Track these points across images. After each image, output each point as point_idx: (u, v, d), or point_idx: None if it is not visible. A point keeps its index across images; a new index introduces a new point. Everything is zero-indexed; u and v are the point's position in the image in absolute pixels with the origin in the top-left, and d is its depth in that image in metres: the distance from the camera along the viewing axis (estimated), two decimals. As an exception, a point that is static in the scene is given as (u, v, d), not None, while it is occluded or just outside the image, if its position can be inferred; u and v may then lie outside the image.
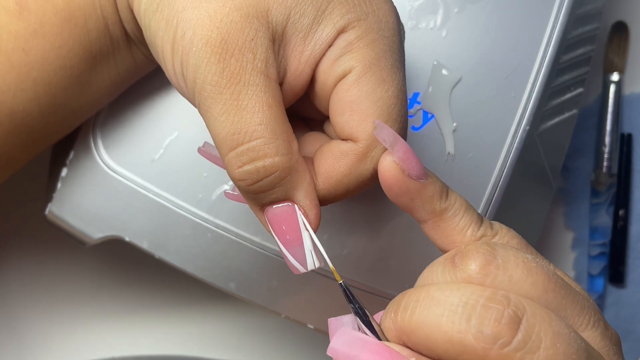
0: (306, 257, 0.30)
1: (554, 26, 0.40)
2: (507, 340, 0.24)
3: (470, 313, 0.25)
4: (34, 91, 0.34)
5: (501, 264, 0.26)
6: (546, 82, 0.40)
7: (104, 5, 0.33)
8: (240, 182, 0.29)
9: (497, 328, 0.24)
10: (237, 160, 0.28)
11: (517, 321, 0.24)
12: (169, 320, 0.54)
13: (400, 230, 0.41)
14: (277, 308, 0.42)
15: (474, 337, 0.24)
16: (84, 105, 0.36)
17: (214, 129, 0.29)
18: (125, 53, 0.35)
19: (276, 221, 0.30)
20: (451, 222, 0.29)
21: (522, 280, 0.26)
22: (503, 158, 0.40)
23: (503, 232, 0.29)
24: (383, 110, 0.29)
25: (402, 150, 0.28)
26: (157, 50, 0.30)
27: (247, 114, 0.28)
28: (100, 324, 0.54)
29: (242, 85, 0.28)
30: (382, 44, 0.30)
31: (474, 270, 0.26)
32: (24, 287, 0.53)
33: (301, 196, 0.30)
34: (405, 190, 0.28)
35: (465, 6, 0.40)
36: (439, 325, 0.25)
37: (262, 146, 0.28)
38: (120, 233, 0.41)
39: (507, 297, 0.25)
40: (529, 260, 0.27)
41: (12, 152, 0.36)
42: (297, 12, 0.29)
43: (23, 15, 0.33)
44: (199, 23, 0.28)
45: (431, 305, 0.25)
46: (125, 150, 0.40)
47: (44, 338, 0.53)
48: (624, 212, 0.56)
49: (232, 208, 0.40)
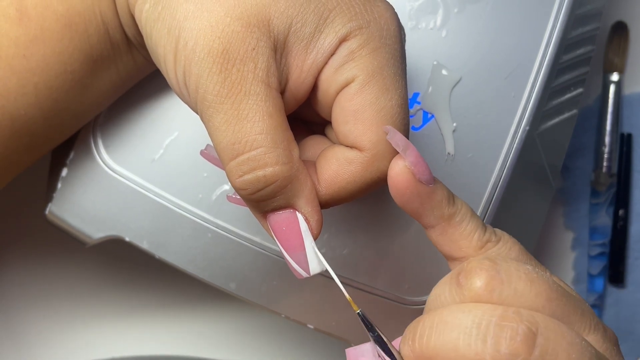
0: (309, 263, 0.30)
1: (554, 26, 0.40)
2: (525, 357, 0.24)
3: (485, 333, 0.25)
4: (36, 96, 0.34)
5: (505, 278, 0.26)
6: (546, 82, 0.40)
7: (104, 11, 0.33)
8: (241, 191, 0.29)
9: (513, 346, 0.24)
10: (237, 170, 0.29)
11: (532, 337, 0.25)
12: (169, 320, 0.54)
13: (401, 230, 0.41)
14: (277, 308, 0.42)
15: (492, 357, 0.24)
16: (86, 108, 0.37)
17: (215, 138, 0.29)
18: (126, 56, 0.36)
19: (278, 228, 0.30)
20: (458, 228, 0.29)
21: (527, 292, 0.26)
22: (503, 158, 0.40)
23: (505, 238, 0.29)
24: (387, 119, 0.30)
25: (413, 155, 0.28)
26: (159, 59, 0.30)
27: (248, 123, 0.28)
28: (100, 324, 0.54)
29: (243, 95, 0.28)
30: (385, 52, 0.30)
31: (480, 288, 0.26)
32: (24, 287, 0.53)
33: (302, 203, 0.30)
34: (417, 195, 0.29)
35: (465, 6, 0.40)
36: (457, 349, 0.25)
37: (263, 155, 0.28)
38: (120, 233, 0.41)
39: (519, 313, 0.25)
40: (530, 271, 0.27)
41: (14, 156, 0.36)
42: (298, 20, 0.29)
43: (23, 22, 0.33)
44: (201, 33, 0.28)
45: (446, 330, 0.26)
46: (126, 150, 0.40)
47: (44, 338, 0.53)
48: (624, 212, 0.56)
49: (232, 208, 0.40)
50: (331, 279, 0.30)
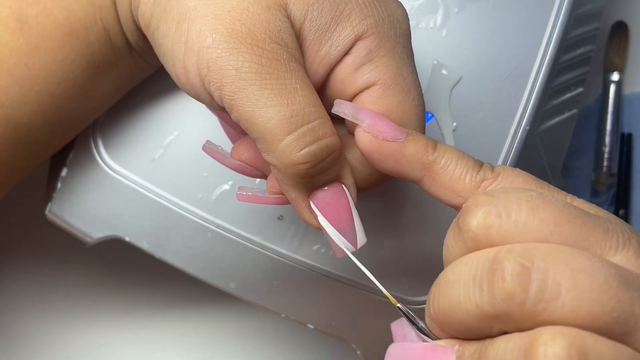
0: (357, 234, 0.30)
1: (554, 26, 0.40)
2: (522, 297, 0.23)
3: (481, 282, 0.23)
4: (38, 103, 0.34)
5: (503, 210, 0.24)
6: (546, 82, 0.40)
7: (105, 18, 0.33)
8: (301, 166, 0.28)
9: (506, 288, 0.23)
10: (298, 143, 0.28)
11: (525, 273, 0.23)
12: (169, 320, 0.54)
13: (402, 230, 0.41)
14: (277, 308, 0.42)
15: (491, 306, 0.23)
16: (88, 112, 0.37)
17: (263, 115, 0.28)
18: (127, 61, 0.35)
19: (326, 203, 0.30)
20: (445, 173, 0.28)
21: (530, 221, 0.24)
22: (503, 158, 0.40)
23: (506, 172, 0.28)
24: (412, 118, 0.30)
25: (367, 117, 0.28)
26: (165, 51, 0.30)
27: (299, 97, 0.28)
28: (100, 324, 0.54)
29: (285, 70, 0.28)
30: (400, 52, 0.30)
31: (476, 226, 0.25)
32: (23, 287, 0.53)
33: (347, 174, 0.30)
34: (385, 153, 0.28)
35: (465, 6, 0.40)
36: (461, 306, 0.24)
37: (322, 126, 0.28)
38: (120, 233, 0.41)
39: (511, 250, 0.24)
40: (533, 197, 0.25)
41: (18, 163, 0.36)
42: (315, 9, 0.29)
43: (24, 31, 0.33)
44: (218, 19, 0.28)
45: (448, 289, 0.25)
46: (125, 150, 0.40)
47: (44, 338, 0.53)
48: (624, 212, 0.56)
49: (232, 208, 0.40)
50: (331, 278, 0.30)
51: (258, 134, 0.28)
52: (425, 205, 0.40)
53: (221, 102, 0.29)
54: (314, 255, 0.41)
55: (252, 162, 0.33)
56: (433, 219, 0.40)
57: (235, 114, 0.28)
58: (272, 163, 0.29)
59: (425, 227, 0.40)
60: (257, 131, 0.28)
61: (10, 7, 0.32)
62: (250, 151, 0.33)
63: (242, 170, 0.33)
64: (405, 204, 0.40)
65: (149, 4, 0.30)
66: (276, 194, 0.32)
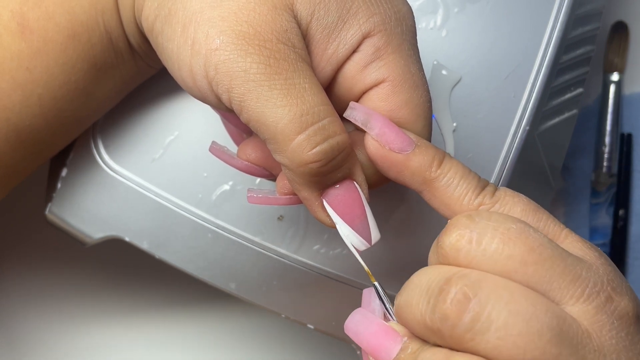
0: (371, 230, 0.31)
1: (554, 26, 0.40)
2: (455, 322, 0.24)
3: (430, 295, 0.25)
4: (40, 106, 0.34)
5: (475, 237, 0.25)
6: (546, 82, 0.40)
7: (107, 21, 0.33)
8: (313, 165, 0.28)
9: (443, 310, 0.24)
10: (310, 141, 0.28)
11: (465, 302, 0.24)
12: (169, 320, 0.54)
13: (401, 231, 0.41)
14: (277, 308, 0.42)
15: (430, 320, 0.25)
16: (89, 114, 0.37)
17: (273, 115, 0.28)
18: (129, 63, 0.35)
19: (339, 201, 0.30)
20: (445, 192, 0.29)
21: (498, 253, 0.25)
22: (503, 158, 0.40)
23: (506, 199, 0.28)
24: (420, 114, 0.30)
25: (377, 125, 0.29)
26: (170, 55, 0.30)
27: (308, 96, 0.28)
28: (101, 323, 0.54)
29: (293, 70, 0.28)
30: (407, 49, 0.30)
31: (447, 246, 0.26)
32: (23, 287, 0.53)
33: (358, 171, 0.30)
34: (389, 164, 0.29)
35: (465, 6, 0.40)
36: (410, 307, 0.26)
37: (332, 124, 0.28)
38: (120, 233, 0.41)
39: (464, 276, 0.25)
40: (511, 230, 0.25)
41: (19, 165, 0.36)
42: (322, 8, 0.29)
43: (25, 35, 0.32)
44: (225, 21, 0.28)
45: (408, 289, 0.26)
46: (125, 150, 0.40)
47: (44, 338, 0.53)
48: (624, 212, 0.56)
49: (232, 208, 0.40)
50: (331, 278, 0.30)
51: (269, 135, 0.28)
52: (425, 205, 0.40)
53: (230, 104, 0.29)
54: (314, 255, 0.41)
55: (259, 162, 0.33)
56: (433, 219, 0.40)
57: (245, 115, 0.28)
58: (284, 163, 0.29)
59: (425, 227, 0.40)
60: (267, 132, 0.28)
61: (12, 11, 0.32)
62: (257, 151, 0.33)
63: (249, 170, 0.33)
64: (405, 203, 0.40)
65: (152, 7, 0.30)
66: (287, 194, 0.32)
